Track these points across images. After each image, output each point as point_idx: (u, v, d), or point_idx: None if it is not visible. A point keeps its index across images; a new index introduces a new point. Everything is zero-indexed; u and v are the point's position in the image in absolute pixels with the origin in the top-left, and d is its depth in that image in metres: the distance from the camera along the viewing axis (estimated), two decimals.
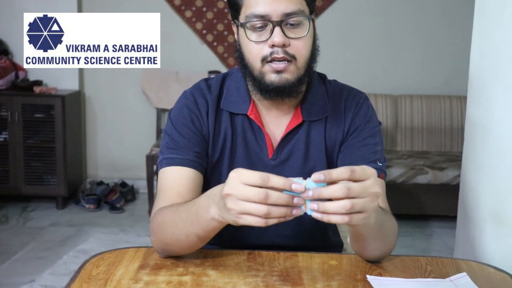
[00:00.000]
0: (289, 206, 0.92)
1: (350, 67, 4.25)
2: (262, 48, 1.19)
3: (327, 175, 0.90)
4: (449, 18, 4.23)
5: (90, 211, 3.97)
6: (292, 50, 1.19)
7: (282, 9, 1.16)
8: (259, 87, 1.23)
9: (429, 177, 3.69)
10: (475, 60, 1.55)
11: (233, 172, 0.93)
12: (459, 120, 4.12)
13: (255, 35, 1.19)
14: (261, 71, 1.21)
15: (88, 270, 1.12)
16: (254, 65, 1.21)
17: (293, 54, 1.19)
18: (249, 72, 1.24)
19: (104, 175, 4.41)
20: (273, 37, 1.17)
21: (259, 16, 1.17)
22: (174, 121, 1.29)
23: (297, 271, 1.15)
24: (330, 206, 0.90)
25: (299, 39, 1.19)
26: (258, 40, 1.19)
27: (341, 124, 1.30)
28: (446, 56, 4.27)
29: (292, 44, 1.18)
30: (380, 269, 1.17)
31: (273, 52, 1.18)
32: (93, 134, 4.42)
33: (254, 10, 1.17)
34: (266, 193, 0.89)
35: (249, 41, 1.20)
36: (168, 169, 1.25)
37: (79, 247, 3.29)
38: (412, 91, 4.29)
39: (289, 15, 1.17)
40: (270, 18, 1.17)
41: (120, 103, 4.37)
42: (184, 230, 1.09)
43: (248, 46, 1.21)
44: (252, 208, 0.90)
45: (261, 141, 1.29)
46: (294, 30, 1.18)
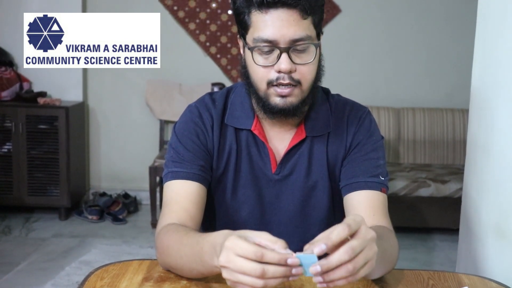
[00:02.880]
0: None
1: (353, 80, 4.26)
2: (269, 72, 1.19)
3: (328, 243, 0.88)
4: (452, 31, 4.25)
5: (93, 222, 3.97)
6: (297, 75, 1.19)
7: (290, 35, 1.15)
8: (263, 107, 1.24)
9: (431, 190, 3.69)
10: (477, 76, 1.56)
11: (228, 242, 0.90)
12: (461, 133, 4.13)
13: (261, 59, 1.19)
14: (266, 93, 1.22)
15: (92, 282, 1.13)
16: (259, 86, 1.22)
17: (298, 79, 1.19)
18: (254, 91, 1.25)
19: (107, 186, 4.42)
20: (280, 63, 1.17)
21: (267, 41, 1.17)
22: (179, 134, 1.30)
23: (300, 284, 1.15)
24: (335, 275, 0.88)
25: (305, 65, 1.19)
26: (265, 64, 1.19)
27: (343, 138, 1.32)
28: (449, 69, 4.29)
29: (298, 70, 1.19)
30: (382, 283, 1.17)
31: (279, 78, 1.18)
32: (97, 146, 4.44)
33: (262, 34, 1.17)
34: (262, 269, 0.87)
35: (256, 64, 1.20)
36: (173, 183, 1.26)
37: (82, 259, 3.29)
38: (414, 104, 4.31)
39: (296, 41, 1.17)
40: (278, 44, 1.17)
41: (124, 115, 4.39)
42: (188, 265, 1.07)
43: (254, 68, 1.21)
44: (248, 281, 0.88)
45: (265, 156, 1.30)
46: (300, 55, 1.19)
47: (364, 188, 1.26)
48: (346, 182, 1.29)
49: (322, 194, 1.32)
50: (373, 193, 1.26)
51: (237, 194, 1.32)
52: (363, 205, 1.25)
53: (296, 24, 1.15)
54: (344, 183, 1.29)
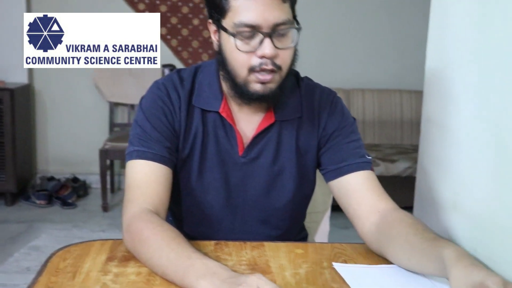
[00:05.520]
0: None
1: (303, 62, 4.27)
2: (250, 58, 1.16)
3: None
4: (401, 14, 4.33)
5: (41, 207, 3.88)
6: (279, 61, 1.17)
7: (273, 19, 1.12)
8: (240, 93, 1.21)
9: (381, 169, 3.77)
10: (431, 55, 1.60)
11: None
12: (409, 113, 4.23)
13: (243, 44, 1.15)
14: (246, 79, 1.18)
15: (55, 263, 1.10)
16: (239, 73, 1.18)
17: (280, 65, 1.17)
18: (231, 77, 1.21)
19: (55, 170, 4.32)
20: (264, 48, 1.14)
21: (250, 25, 1.13)
22: (146, 112, 1.26)
23: (265, 260, 1.16)
24: None
25: (286, 50, 1.17)
26: (247, 50, 1.15)
27: (315, 124, 1.31)
28: (397, 51, 4.38)
29: (279, 55, 1.16)
30: (344, 256, 1.20)
31: (262, 63, 1.15)
32: (44, 129, 4.32)
33: (244, 18, 1.13)
34: None
35: (236, 49, 1.16)
36: (140, 163, 1.22)
37: (31, 244, 3.22)
38: (364, 85, 4.38)
39: (278, 25, 1.14)
40: (261, 29, 1.13)
41: (72, 97, 4.29)
42: (163, 269, 1.03)
43: (234, 54, 1.17)
44: None
45: (232, 138, 1.28)
46: (282, 39, 1.16)
47: (356, 169, 1.26)
48: (335, 166, 1.28)
49: (288, 179, 1.32)
50: (367, 173, 1.27)
51: (203, 176, 1.30)
52: (364, 187, 1.25)
53: (277, 8, 1.13)
54: (333, 167, 1.29)
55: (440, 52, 1.55)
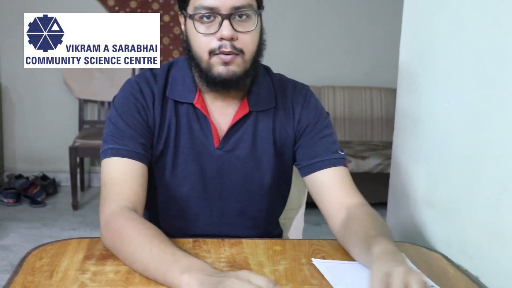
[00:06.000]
0: None
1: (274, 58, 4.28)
2: (210, 41, 1.18)
3: None
4: (372, 12, 4.37)
5: (9, 206, 3.81)
6: (239, 44, 1.19)
7: (231, 2, 1.16)
8: (206, 79, 1.23)
9: (352, 166, 3.80)
10: (405, 51, 1.62)
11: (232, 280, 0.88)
12: (379, 110, 4.28)
13: (203, 27, 1.18)
14: (208, 63, 1.20)
15: (30, 263, 1.09)
16: (201, 56, 1.21)
17: (240, 48, 1.19)
18: (196, 64, 1.23)
19: (23, 168, 4.24)
20: (222, 30, 1.17)
21: (208, 8, 1.16)
22: (119, 109, 1.26)
23: (243, 257, 1.16)
24: None
25: (247, 33, 1.19)
26: (206, 32, 1.18)
27: (289, 117, 1.33)
28: (368, 49, 4.42)
29: (240, 38, 1.19)
30: (322, 253, 1.21)
31: (221, 46, 1.18)
32: (10, 126, 4.24)
33: (203, 2, 1.16)
34: None
35: (197, 33, 1.19)
36: (115, 160, 1.21)
37: (0, 243, 3.15)
38: (334, 82, 4.41)
39: (238, 8, 1.17)
40: (219, 11, 1.16)
41: (40, 94, 4.22)
42: (145, 265, 1.02)
43: (196, 38, 1.20)
44: None
45: (207, 130, 1.28)
46: (242, 23, 1.19)
47: (329, 166, 1.28)
48: (309, 162, 1.30)
49: (266, 170, 1.33)
50: (338, 169, 1.28)
51: (177, 169, 1.30)
52: (334, 184, 1.27)
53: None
54: (306, 163, 1.30)
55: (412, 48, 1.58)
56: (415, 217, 1.48)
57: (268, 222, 1.42)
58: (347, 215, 1.23)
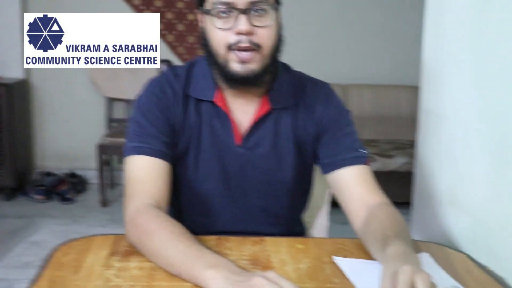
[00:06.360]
0: None
1: (300, 57, 4.28)
2: (228, 35, 1.19)
3: None
4: (397, 10, 4.34)
5: (40, 202, 3.89)
6: (257, 39, 1.19)
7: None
8: (224, 75, 1.23)
9: (378, 164, 3.78)
10: (427, 48, 1.61)
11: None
12: (405, 109, 4.24)
13: (220, 22, 1.19)
14: (225, 58, 1.21)
15: (58, 258, 1.11)
16: (218, 51, 1.21)
17: (258, 43, 1.20)
18: (214, 59, 1.24)
19: (53, 165, 4.32)
20: (239, 24, 1.17)
21: (225, 3, 1.18)
22: (142, 108, 1.27)
23: (266, 255, 1.17)
24: None
25: (264, 28, 1.20)
26: (224, 27, 1.19)
27: (310, 114, 1.32)
28: (394, 47, 4.38)
29: (257, 33, 1.19)
30: (344, 251, 1.21)
31: (239, 41, 1.18)
32: (41, 124, 4.32)
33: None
34: None
35: (215, 28, 1.20)
36: (139, 158, 1.23)
37: (31, 239, 3.23)
38: (361, 80, 4.38)
39: (254, 3, 1.18)
40: (236, 6, 1.17)
41: (69, 92, 4.29)
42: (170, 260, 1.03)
43: (214, 33, 1.21)
44: None
45: (228, 128, 1.29)
46: (259, 18, 1.19)
47: (350, 164, 1.28)
48: (330, 160, 1.30)
49: (287, 168, 1.33)
50: (360, 168, 1.28)
51: (199, 167, 1.31)
52: (355, 182, 1.27)
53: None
54: (327, 161, 1.31)
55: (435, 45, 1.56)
56: (439, 217, 1.47)
57: (290, 219, 1.43)
58: (367, 213, 1.23)
